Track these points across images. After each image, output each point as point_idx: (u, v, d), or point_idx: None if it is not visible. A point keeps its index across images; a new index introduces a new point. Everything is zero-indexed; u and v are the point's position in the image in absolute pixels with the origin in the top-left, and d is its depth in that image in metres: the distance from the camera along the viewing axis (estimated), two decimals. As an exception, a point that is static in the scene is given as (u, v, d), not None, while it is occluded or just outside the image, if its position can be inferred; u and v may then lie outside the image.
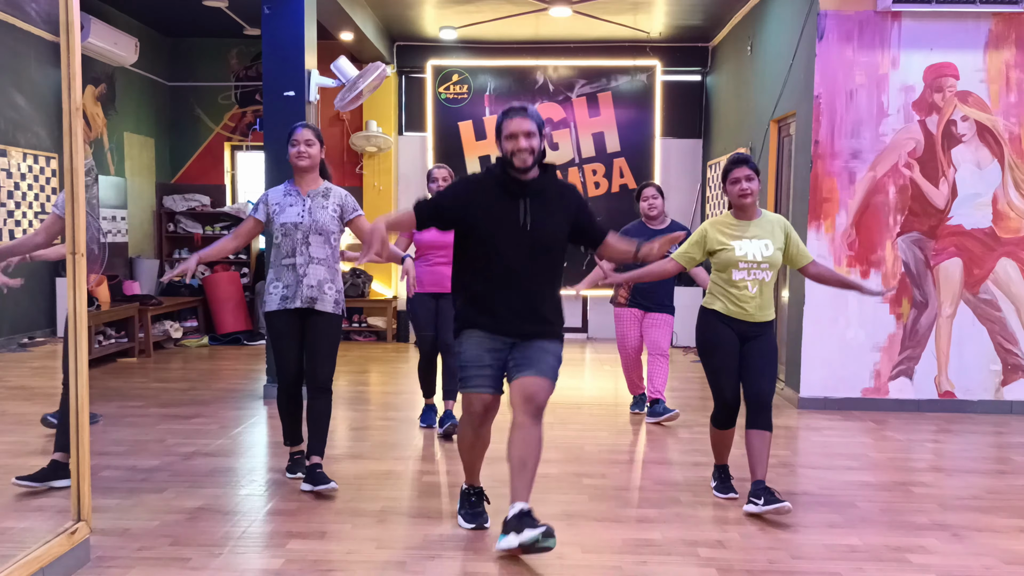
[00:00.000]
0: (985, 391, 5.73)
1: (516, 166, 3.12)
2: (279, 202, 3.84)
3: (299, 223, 3.78)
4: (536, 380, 3.14)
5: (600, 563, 3.06)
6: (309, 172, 3.85)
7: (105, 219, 7.90)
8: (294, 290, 3.79)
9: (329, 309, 3.83)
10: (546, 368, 3.17)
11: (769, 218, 3.73)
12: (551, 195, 3.22)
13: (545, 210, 3.18)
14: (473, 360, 3.22)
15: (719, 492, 3.86)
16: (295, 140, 3.82)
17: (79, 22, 2.84)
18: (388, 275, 9.23)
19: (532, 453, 3.13)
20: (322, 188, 3.88)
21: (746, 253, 3.62)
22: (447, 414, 4.94)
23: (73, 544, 2.89)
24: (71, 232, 2.83)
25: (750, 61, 7.27)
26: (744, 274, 3.63)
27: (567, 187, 3.34)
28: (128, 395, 5.93)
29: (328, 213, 3.82)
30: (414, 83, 9.25)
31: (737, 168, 3.64)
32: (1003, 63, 5.58)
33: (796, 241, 3.73)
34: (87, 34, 6.89)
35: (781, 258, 3.68)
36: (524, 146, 3.10)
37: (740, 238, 3.65)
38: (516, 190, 3.16)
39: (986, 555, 3.20)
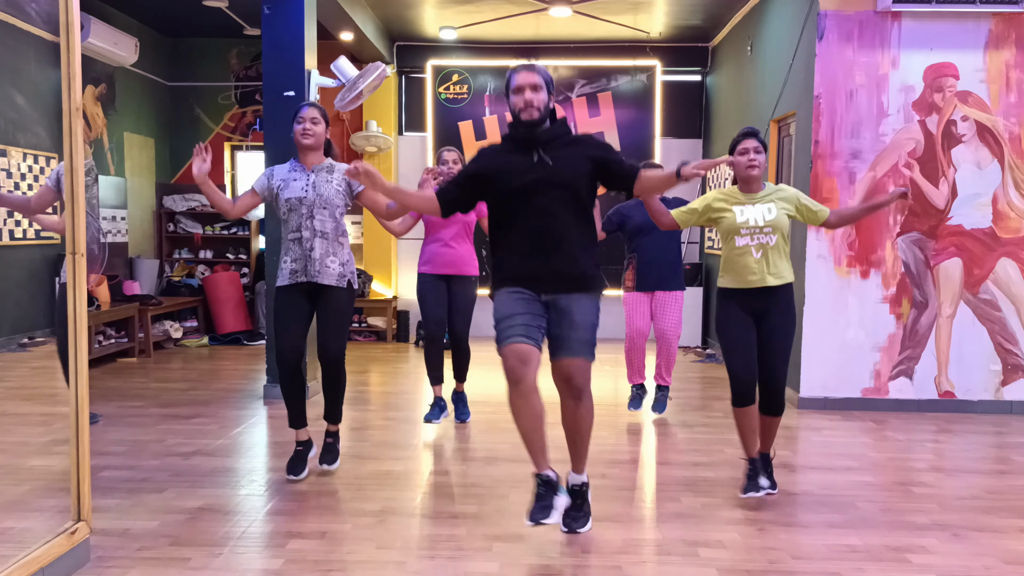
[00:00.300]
0: (985, 391, 5.73)
1: (524, 120, 3.14)
2: (284, 178, 3.90)
3: (303, 197, 3.82)
4: (571, 362, 3.12)
5: (600, 563, 3.06)
6: (314, 150, 3.90)
7: (105, 219, 7.90)
8: (303, 264, 3.82)
9: (333, 282, 3.86)
10: (579, 347, 3.10)
11: (774, 188, 3.74)
12: (564, 142, 3.21)
13: (561, 153, 3.17)
14: (504, 313, 3.14)
15: (743, 492, 3.75)
16: (301, 118, 3.88)
17: (79, 22, 2.84)
18: (388, 275, 9.23)
19: (580, 428, 3.23)
20: (326, 164, 3.93)
21: (747, 219, 3.63)
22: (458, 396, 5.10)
23: (73, 544, 2.89)
24: (71, 232, 2.83)
25: (750, 61, 7.27)
26: (747, 239, 3.63)
27: (582, 136, 3.30)
28: (128, 395, 5.93)
29: (333, 187, 3.86)
30: (414, 83, 9.25)
31: (746, 139, 3.65)
32: (1003, 63, 5.58)
33: (807, 201, 3.73)
34: (87, 34, 6.89)
35: (787, 222, 3.66)
36: (530, 98, 3.13)
37: (742, 205, 3.67)
38: (528, 140, 3.18)
39: (986, 555, 3.20)
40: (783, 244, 3.67)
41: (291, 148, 3.95)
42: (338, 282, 3.88)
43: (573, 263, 3.15)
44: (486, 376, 6.60)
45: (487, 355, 7.49)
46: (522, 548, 3.19)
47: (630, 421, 5.33)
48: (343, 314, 3.90)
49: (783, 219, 3.64)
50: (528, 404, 3.08)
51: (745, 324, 3.68)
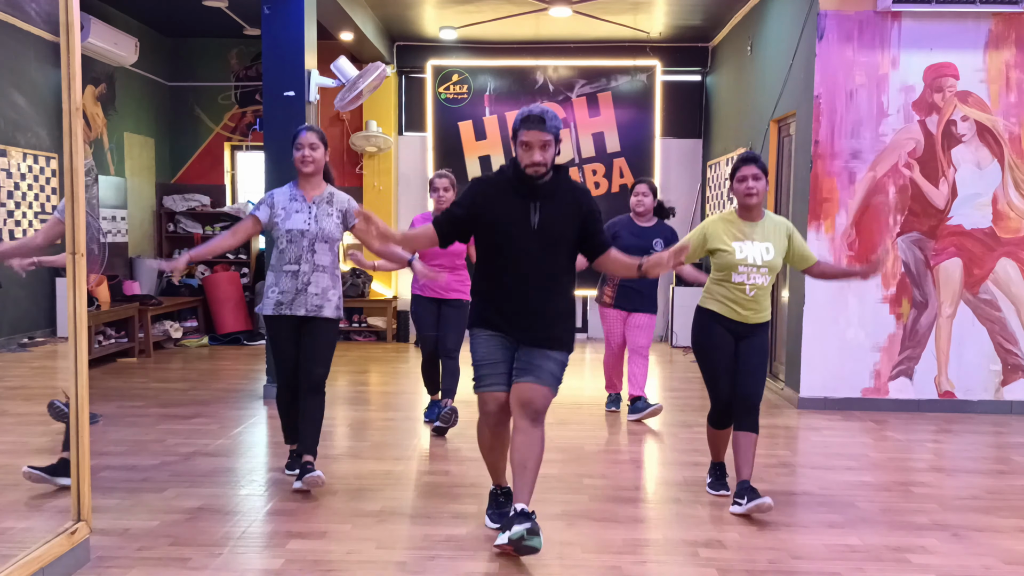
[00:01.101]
0: (985, 391, 5.73)
1: (529, 176, 3.11)
2: (285, 207, 3.84)
3: (305, 231, 3.78)
4: (533, 387, 3.14)
5: (600, 563, 3.06)
6: (314, 176, 3.86)
7: (105, 219, 7.90)
8: (291, 297, 3.79)
9: (332, 315, 3.85)
10: (545, 375, 3.16)
11: (773, 221, 3.71)
12: (563, 197, 3.19)
13: (555, 211, 3.16)
14: (485, 359, 3.23)
15: (712, 489, 3.90)
16: (300, 144, 3.82)
17: (79, 22, 2.84)
18: (388, 275, 9.22)
19: (532, 455, 3.14)
20: (326, 194, 3.88)
21: (746, 257, 3.61)
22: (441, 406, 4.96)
23: (73, 544, 2.89)
24: (71, 232, 2.83)
25: (750, 61, 7.27)
26: (743, 277, 3.62)
27: (580, 190, 3.27)
28: (128, 395, 5.93)
29: (333, 221, 3.83)
30: (414, 83, 9.25)
31: (745, 166, 3.62)
32: (1003, 63, 5.58)
33: (800, 244, 3.72)
34: (87, 34, 6.89)
35: (781, 262, 3.68)
36: (538, 159, 3.07)
37: (742, 240, 3.64)
38: (527, 192, 3.15)
39: (986, 555, 3.20)
40: (771, 284, 3.70)
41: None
42: (335, 314, 3.88)
43: (548, 328, 3.20)
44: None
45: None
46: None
47: (628, 422, 5.33)
48: (330, 344, 3.89)
49: (778, 262, 3.66)
50: (500, 441, 3.34)
51: (728, 349, 3.70)
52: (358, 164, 9.14)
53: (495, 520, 3.40)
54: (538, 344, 3.19)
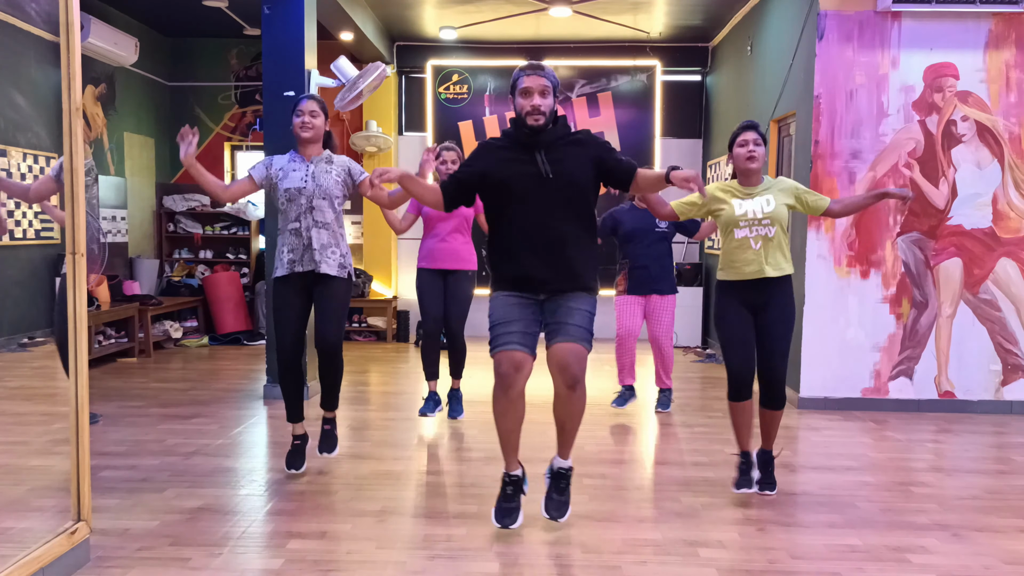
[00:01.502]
0: (985, 391, 5.73)
1: (529, 125, 3.13)
2: (283, 167, 3.89)
3: (303, 188, 3.81)
4: (567, 348, 3.12)
5: (600, 563, 3.06)
6: (312, 143, 3.90)
7: (105, 219, 7.90)
8: (300, 253, 3.82)
9: (334, 272, 3.86)
10: (575, 331, 3.13)
11: (772, 181, 3.74)
12: (566, 143, 3.21)
13: (563, 157, 3.17)
14: (500, 319, 3.21)
15: (736, 487, 3.81)
16: (300, 111, 3.87)
17: (79, 22, 2.84)
18: (388, 275, 9.23)
19: (571, 416, 3.24)
20: (325, 155, 3.93)
21: (746, 211, 3.63)
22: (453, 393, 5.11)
23: (73, 544, 2.89)
24: (71, 232, 2.83)
25: (750, 61, 7.27)
26: (746, 231, 3.63)
27: (581, 133, 3.28)
28: (128, 395, 5.93)
29: (332, 178, 3.86)
30: (414, 83, 9.25)
31: (746, 132, 3.66)
32: (1003, 63, 5.58)
33: (806, 191, 3.73)
34: (87, 34, 6.89)
35: (786, 213, 3.66)
36: (538, 103, 3.13)
37: (741, 198, 3.66)
38: (530, 143, 3.18)
39: (986, 555, 3.20)
40: (782, 236, 3.67)
41: (292, 146, 3.95)
42: (339, 272, 3.88)
43: (570, 270, 3.19)
44: (485, 376, 6.59)
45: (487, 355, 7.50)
46: (522, 548, 3.19)
47: (630, 421, 5.33)
48: (341, 304, 3.90)
49: (782, 211, 3.64)
50: (513, 408, 3.24)
51: (744, 318, 3.69)
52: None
53: (498, 517, 3.33)
54: (562, 290, 3.16)
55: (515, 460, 3.37)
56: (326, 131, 3.97)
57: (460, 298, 4.97)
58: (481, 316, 8.85)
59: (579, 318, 3.16)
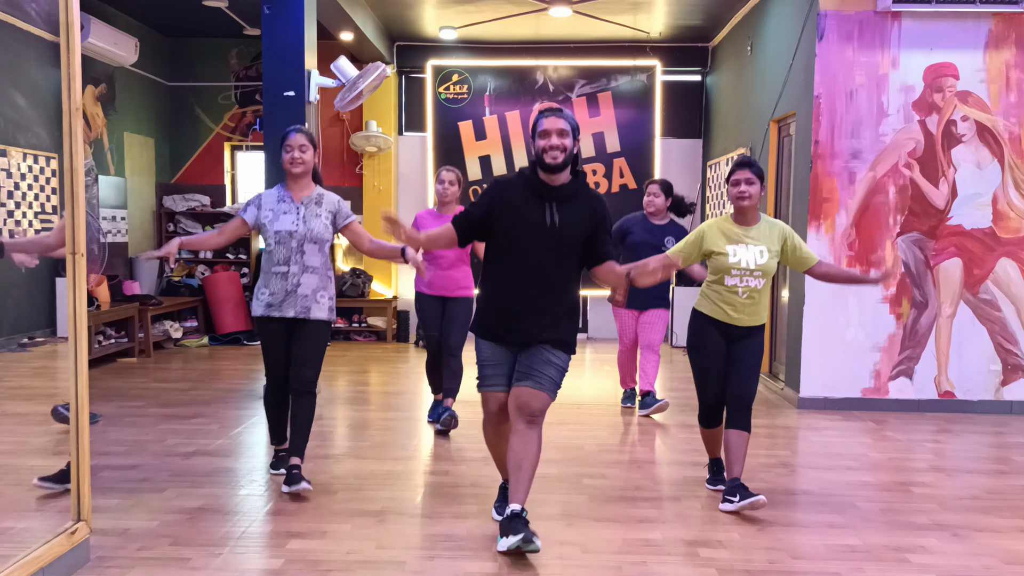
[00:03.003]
0: (985, 391, 5.73)
1: (547, 163, 3.14)
2: (273, 208, 3.82)
3: (294, 231, 3.77)
4: (531, 392, 3.15)
5: (600, 563, 3.06)
6: (302, 178, 3.84)
7: (105, 219, 7.90)
8: (280, 298, 3.77)
9: (324, 316, 3.84)
10: (544, 380, 3.17)
11: (768, 224, 3.71)
12: (578, 201, 3.22)
13: (570, 214, 3.19)
14: (489, 360, 3.29)
15: (710, 485, 3.96)
16: (288, 146, 3.81)
17: (79, 22, 2.84)
18: (388, 275, 9.23)
19: (527, 456, 3.16)
20: (315, 195, 3.86)
21: (740, 260, 3.63)
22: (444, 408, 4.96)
23: (73, 544, 2.89)
24: (71, 232, 2.83)
25: (750, 61, 7.27)
26: (736, 280, 3.64)
27: (595, 197, 3.31)
28: (128, 395, 5.93)
29: (322, 221, 3.81)
30: (414, 83, 9.25)
31: (739, 170, 3.65)
32: (1003, 63, 5.58)
33: (798, 245, 3.71)
34: (87, 34, 6.89)
35: (775, 266, 3.68)
36: (556, 143, 3.12)
37: (736, 243, 3.65)
38: (544, 192, 3.18)
39: (986, 555, 3.20)
40: (767, 288, 3.70)
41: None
42: (328, 316, 3.86)
43: (554, 327, 3.21)
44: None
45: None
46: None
47: (629, 421, 5.33)
48: (321, 345, 3.88)
49: (772, 265, 3.66)
50: (502, 437, 3.37)
51: (720, 351, 3.72)
52: (358, 164, 9.14)
53: (500, 513, 3.43)
54: (541, 342, 3.19)
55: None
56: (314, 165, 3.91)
57: (459, 322, 4.97)
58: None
59: (552, 371, 3.20)
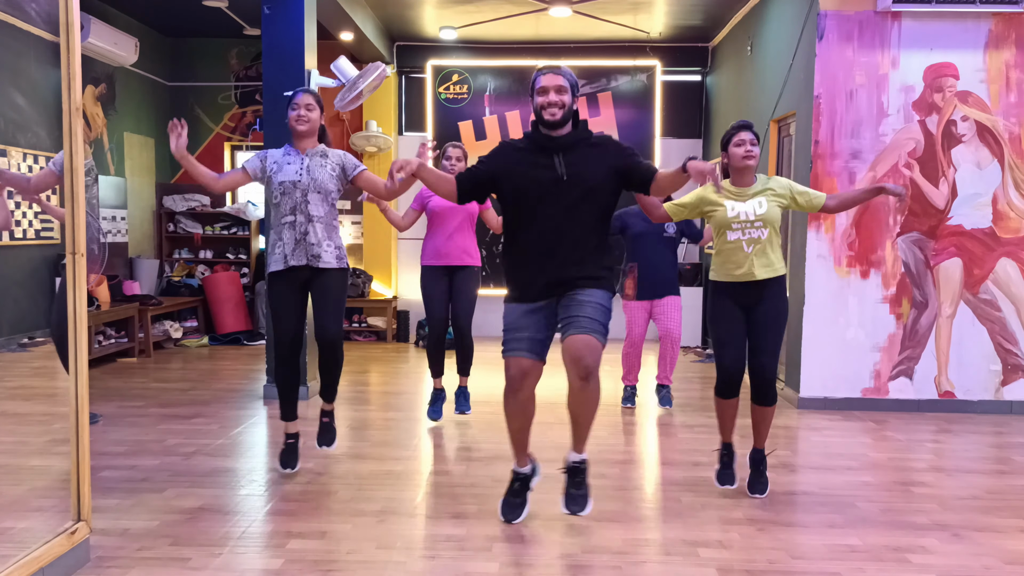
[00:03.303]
0: (985, 391, 5.73)
1: (545, 119, 3.15)
2: (278, 160, 3.89)
3: (297, 181, 3.81)
4: (579, 339, 3.11)
5: (600, 563, 3.06)
6: (308, 137, 3.90)
7: (105, 219, 7.90)
8: (292, 247, 3.82)
9: (333, 264, 3.86)
10: (587, 323, 3.13)
11: (765, 180, 3.73)
12: (586, 147, 3.22)
13: (581, 160, 3.19)
14: (511, 324, 3.27)
15: (719, 481, 3.91)
16: (295, 104, 3.86)
17: (79, 22, 2.84)
18: (388, 275, 9.23)
19: (584, 411, 3.24)
20: (320, 148, 3.92)
21: (738, 213, 3.64)
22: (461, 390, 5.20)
23: (73, 544, 2.89)
24: (71, 232, 2.83)
25: (750, 61, 7.27)
26: (738, 234, 3.63)
27: (602, 137, 3.30)
28: (128, 395, 5.93)
29: (327, 171, 3.86)
30: (414, 83, 9.25)
31: (742, 131, 3.67)
32: (1003, 63, 5.58)
33: (802, 191, 3.72)
34: (87, 34, 6.89)
35: (778, 215, 3.67)
36: (554, 99, 3.14)
37: (734, 200, 3.66)
38: (548, 145, 3.19)
39: (986, 555, 3.20)
40: (774, 237, 3.69)
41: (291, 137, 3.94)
42: (336, 264, 3.89)
43: (583, 267, 3.21)
44: (488, 376, 6.60)
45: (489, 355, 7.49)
46: (522, 548, 3.19)
47: (630, 421, 5.33)
48: (339, 295, 3.91)
49: (774, 212, 3.65)
50: (522, 410, 3.34)
51: (735, 317, 3.71)
52: (358, 164, 9.13)
53: (504, 512, 3.43)
54: (574, 287, 3.18)
55: (524, 457, 3.47)
56: (321, 125, 3.96)
57: (467, 295, 5.00)
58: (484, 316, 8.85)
59: (591, 310, 3.16)
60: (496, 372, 6.96)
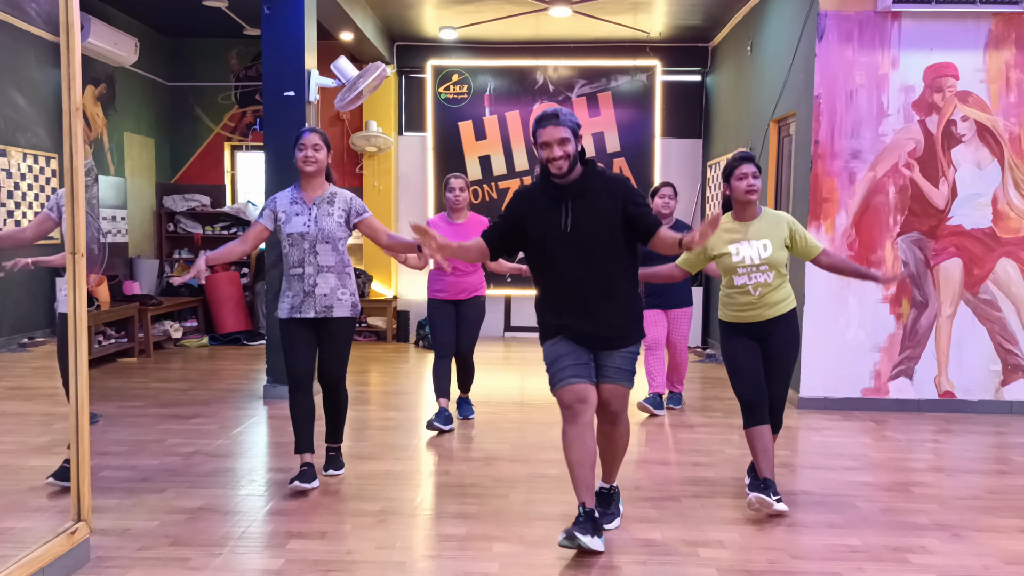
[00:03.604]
0: (985, 391, 5.73)
1: (553, 173, 3.14)
2: (286, 210, 3.85)
3: (305, 233, 3.79)
4: (608, 389, 3.23)
5: (600, 563, 3.06)
6: (316, 177, 3.86)
7: (105, 219, 7.90)
8: (301, 299, 3.82)
9: (347, 314, 3.88)
10: (616, 374, 3.23)
11: (769, 216, 3.70)
12: (596, 192, 3.17)
13: (588, 209, 3.15)
14: (555, 357, 3.22)
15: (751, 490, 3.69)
16: (303, 144, 3.82)
17: (79, 22, 2.85)
18: (388, 275, 9.23)
19: (613, 449, 3.39)
20: (327, 194, 3.88)
21: (743, 258, 3.61)
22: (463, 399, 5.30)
23: (73, 544, 2.89)
24: (71, 232, 2.83)
25: (750, 61, 7.27)
26: (744, 279, 3.62)
27: (614, 180, 3.23)
28: (128, 395, 5.93)
29: (334, 220, 3.83)
30: (414, 83, 9.25)
31: (744, 164, 3.63)
32: (1003, 63, 5.58)
33: (802, 235, 3.70)
34: (87, 34, 6.89)
35: (784, 256, 3.65)
36: (558, 154, 3.09)
37: (738, 242, 3.63)
38: (557, 195, 3.17)
39: (986, 555, 3.20)
40: (780, 278, 3.66)
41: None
42: (352, 312, 3.90)
43: (610, 327, 3.20)
44: (486, 376, 6.60)
45: (488, 355, 7.50)
46: (522, 548, 3.19)
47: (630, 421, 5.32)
48: (346, 342, 3.95)
49: (780, 256, 3.62)
50: (581, 440, 3.16)
51: (750, 350, 3.69)
52: (358, 164, 9.14)
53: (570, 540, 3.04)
54: (604, 347, 3.22)
55: (589, 497, 3.15)
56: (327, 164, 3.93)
57: (473, 324, 5.12)
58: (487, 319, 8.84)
59: (619, 361, 3.24)
60: (494, 372, 6.97)
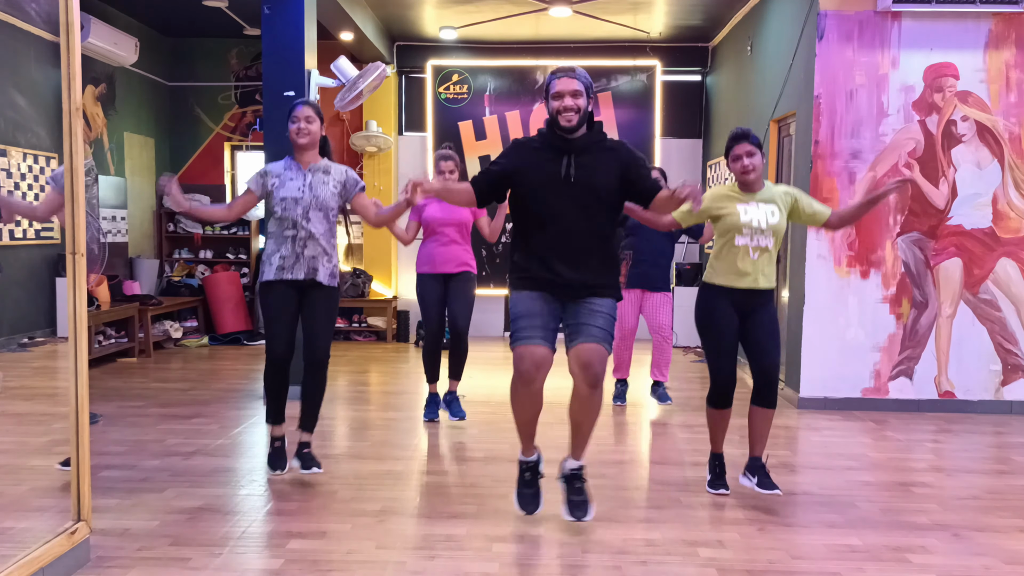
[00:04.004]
0: (985, 391, 5.73)
1: (562, 125, 3.14)
2: (279, 175, 3.87)
3: (299, 198, 3.81)
4: (590, 348, 3.15)
5: (600, 563, 3.06)
6: (309, 149, 3.88)
7: (105, 219, 7.90)
8: (292, 261, 3.81)
9: (326, 281, 3.86)
10: (598, 334, 3.16)
11: (774, 188, 3.70)
12: (599, 151, 3.21)
13: (591, 164, 3.18)
14: (523, 312, 3.21)
15: (711, 488, 3.87)
16: (295, 117, 3.85)
17: (79, 22, 2.84)
18: (388, 275, 9.23)
19: (587, 418, 3.27)
20: (323, 164, 3.91)
21: (751, 219, 3.59)
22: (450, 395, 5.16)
23: (73, 544, 2.89)
24: (71, 232, 2.83)
25: (750, 61, 7.27)
26: (747, 239, 3.60)
27: (617, 143, 3.29)
28: (128, 395, 5.93)
29: (329, 189, 3.85)
30: (414, 83, 9.25)
31: (738, 144, 3.61)
32: (1003, 63, 5.58)
33: (808, 201, 3.69)
34: (87, 34, 6.89)
35: (785, 226, 3.65)
36: (570, 104, 3.12)
37: (746, 203, 3.62)
38: (561, 146, 3.19)
39: (986, 555, 3.20)
40: (775, 250, 3.68)
41: (291, 149, 3.94)
42: (330, 281, 3.88)
43: (594, 274, 3.22)
44: (486, 376, 6.60)
45: (487, 355, 7.50)
46: (522, 548, 3.19)
47: (629, 421, 5.33)
48: (331, 313, 3.91)
49: (783, 225, 3.63)
50: (532, 401, 3.27)
51: (733, 326, 3.69)
52: (358, 164, 9.14)
53: (520, 503, 3.44)
54: (583, 295, 3.19)
55: (531, 447, 3.44)
56: (322, 136, 3.94)
57: (464, 299, 5.02)
58: (482, 318, 8.84)
59: (601, 320, 3.20)
60: (494, 372, 6.96)
